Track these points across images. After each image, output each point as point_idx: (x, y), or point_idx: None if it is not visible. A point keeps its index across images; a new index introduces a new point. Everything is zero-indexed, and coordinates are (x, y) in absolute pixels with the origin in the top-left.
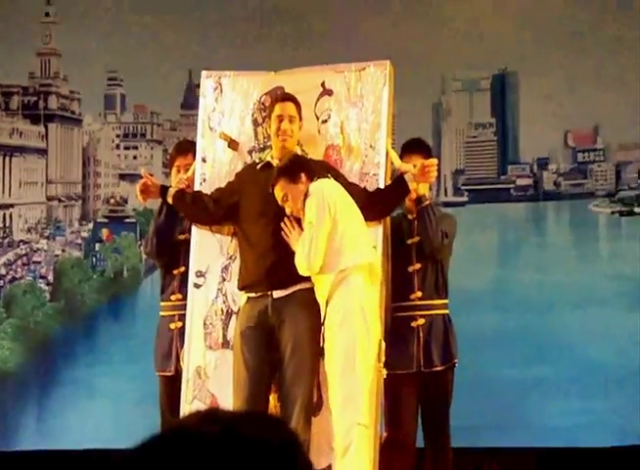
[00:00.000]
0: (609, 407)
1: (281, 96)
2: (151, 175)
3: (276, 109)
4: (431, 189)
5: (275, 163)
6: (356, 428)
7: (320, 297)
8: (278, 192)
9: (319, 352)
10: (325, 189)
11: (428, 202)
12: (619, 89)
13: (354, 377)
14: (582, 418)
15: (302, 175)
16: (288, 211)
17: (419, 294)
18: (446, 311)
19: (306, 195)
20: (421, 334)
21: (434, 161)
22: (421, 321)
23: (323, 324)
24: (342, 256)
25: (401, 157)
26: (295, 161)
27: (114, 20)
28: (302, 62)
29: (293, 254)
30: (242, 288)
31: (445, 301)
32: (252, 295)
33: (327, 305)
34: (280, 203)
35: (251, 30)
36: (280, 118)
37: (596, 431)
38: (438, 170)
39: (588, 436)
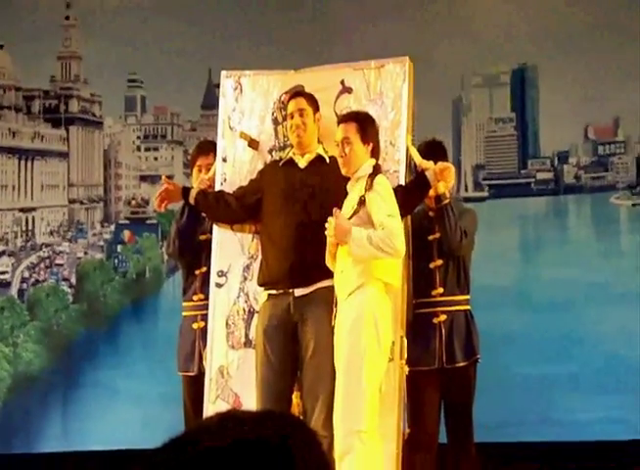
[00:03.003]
0: (630, 403)
1: (291, 94)
2: (171, 177)
3: (288, 107)
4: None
5: (297, 159)
6: (356, 435)
7: (341, 293)
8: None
9: None
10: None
11: (447, 200)
12: (639, 81)
13: (359, 387)
14: (601, 413)
15: (371, 145)
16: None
17: (440, 290)
18: (468, 307)
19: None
20: (443, 330)
21: (451, 166)
22: (443, 317)
23: (333, 324)
24: (369, 264)
25: None
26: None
27: (133, 22)
28: (322, 60)
29: (314, 251)
30: (262, 284)
31: (467, 296)
32: (273, 292)
33: (336, 306)
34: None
35: (270, 30)
36: (291, 115)
37: (617, 425)
38: (459, 166)
39: (608, 430)
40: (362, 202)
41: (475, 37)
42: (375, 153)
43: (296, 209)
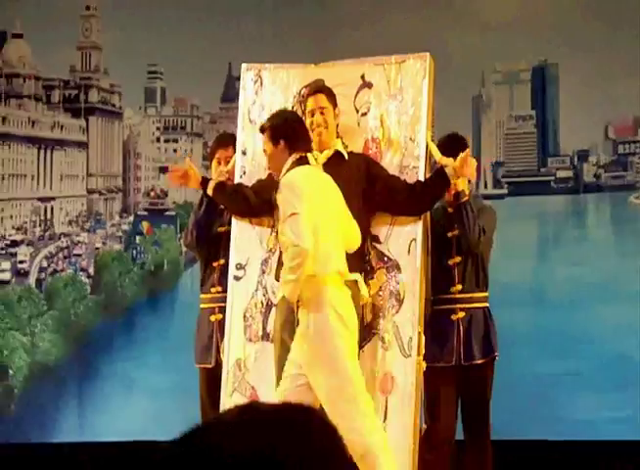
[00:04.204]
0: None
1: (311, 89)
2: None
3: (308, 103)
4: (470, 182)
5: (316, 155)
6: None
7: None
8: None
9: (359, 345)
10: (295, 180)
11: (466, 198)
12: None
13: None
14: (615, 412)
15: (282, 141)
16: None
17: (459, 287)
18: (486, 305)
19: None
20: (461, 327)
21: (473, 159)
22: (461, 314)
23: (297, 325)
24: (315, 261)
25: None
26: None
27: (154, 13)
28: (340, 55)
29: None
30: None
31: (486, 294)
32: None
33: (298, 308)
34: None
35: (291, 22)
36: (311, 113)
37: (628, 424)
38: (478, 163)
39: (620, 429)
40: None
41: (495, 34)
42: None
43: None
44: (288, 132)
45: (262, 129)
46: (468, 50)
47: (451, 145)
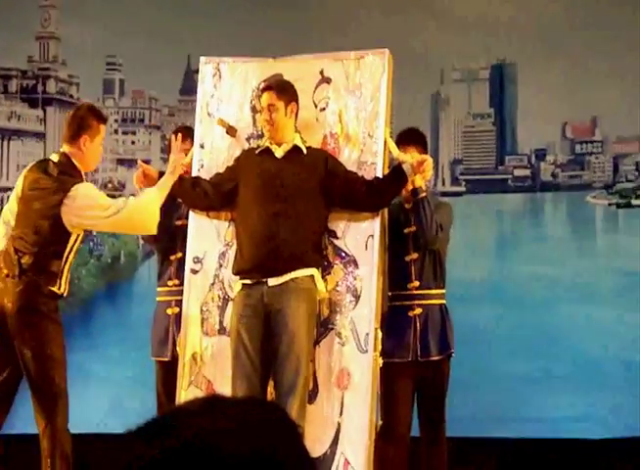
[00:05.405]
0: (600, 401)
1: (263, 87)
2: (148, 162)
3: (261, 100)
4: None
5: (274, 148)
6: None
7: None
8: None
9: (315, 341)
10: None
11: (423, 194)
12: (618, 81)
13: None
14: (573, 411)
15: None
16: None
17: (416, 283)
18: (443, 301)
19: None
20: (418, 323)
21: (429, 159)
22: (418, 311)
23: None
24: None
25: (397, 147)
26: None
27: (113, 4)
28: (300, 50)
29: (289, 241)
30: (236, 273)
31: (443, 290)
32: (248, 282)
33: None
34: None
35: (251, 16)
36: (261, 110)
37: (588, 423)
38: (436, 161)
39: (579, 428)
40: None
41: (455, 32)
42: None
43: (270, 198)
44: None
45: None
46: (427, 47)
47: (409, 139)
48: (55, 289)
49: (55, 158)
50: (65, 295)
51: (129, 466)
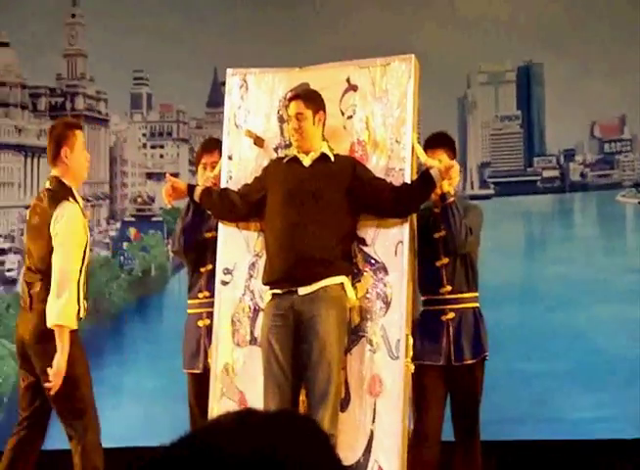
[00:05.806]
0: (631, 400)
1: (290, 96)
2: (176, 175)
3: (288, 109)
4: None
5: (302, 157)
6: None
7: None
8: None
9: (346, 349)
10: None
11: (452, 199)
12: None
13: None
14: (606, 411)
15: None
16: None
17: (448, 288)
18: (476, 305)
19: None
20: (451, 328)
21: (456, 165)
22: (451, 315)
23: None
24: None
25: (425, 151)
26: None
27: (138, 19)
28: (326, 58)
29: (318, 249)
30: (266, 283)
31: (475, 294)
32: (278, 291)
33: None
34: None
35: (276, 29)
36: (289, 119)
37: (619, 423)
38: (464, 164)
39: (610, 428)
40: None
41: (480, 35)
42: None
43: (299, 206)
44: None
45: None
46: (453, 51)
47: (437, 143)
48: None
49: (47, 184)
50: (81, 317)
51: (129, 466)
